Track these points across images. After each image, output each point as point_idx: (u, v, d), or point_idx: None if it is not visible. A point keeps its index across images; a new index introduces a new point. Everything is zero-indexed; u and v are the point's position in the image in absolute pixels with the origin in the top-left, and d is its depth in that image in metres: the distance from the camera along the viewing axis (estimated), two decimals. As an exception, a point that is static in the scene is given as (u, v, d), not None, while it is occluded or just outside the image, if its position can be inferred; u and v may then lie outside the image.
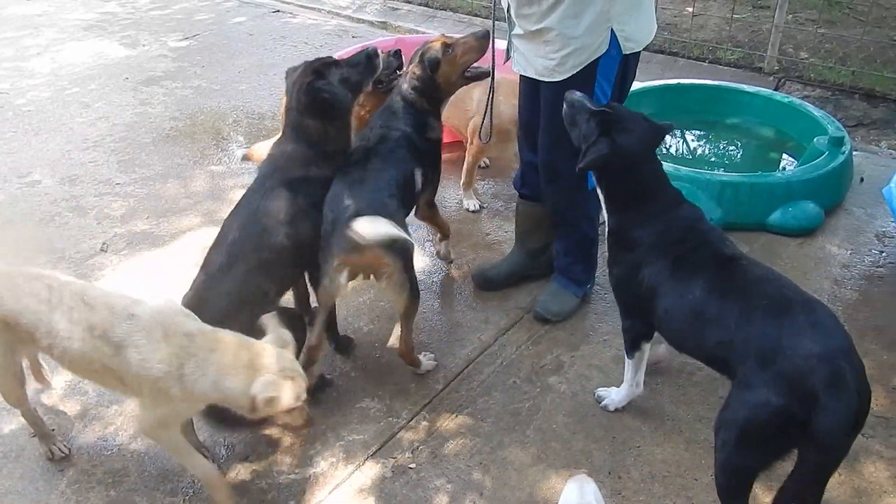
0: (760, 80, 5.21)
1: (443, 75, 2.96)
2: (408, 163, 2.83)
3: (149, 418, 2.23)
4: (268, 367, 2.08)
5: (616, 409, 2.70)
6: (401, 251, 2.59)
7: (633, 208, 2.43)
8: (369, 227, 2.39)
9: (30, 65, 6.07)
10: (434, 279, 3.46)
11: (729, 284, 2.17)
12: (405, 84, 2.96)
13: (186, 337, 2.11)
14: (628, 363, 2.62)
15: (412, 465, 2.52)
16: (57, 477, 2.51)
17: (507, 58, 2.95)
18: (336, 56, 4.78)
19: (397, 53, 3.14)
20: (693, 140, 4.73)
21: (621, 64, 2.71)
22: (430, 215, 3.28)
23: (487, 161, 4.36)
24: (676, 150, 4.55)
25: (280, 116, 3.85)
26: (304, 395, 2.15)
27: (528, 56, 2.76)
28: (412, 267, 2.69)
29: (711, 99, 4.59)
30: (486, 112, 3.22)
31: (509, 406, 2.76)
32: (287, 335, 2.23)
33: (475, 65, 3.04)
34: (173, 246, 3.71)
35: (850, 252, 3.54)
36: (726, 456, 2.04)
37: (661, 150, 4.50)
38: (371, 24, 6.84)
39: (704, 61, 5.68)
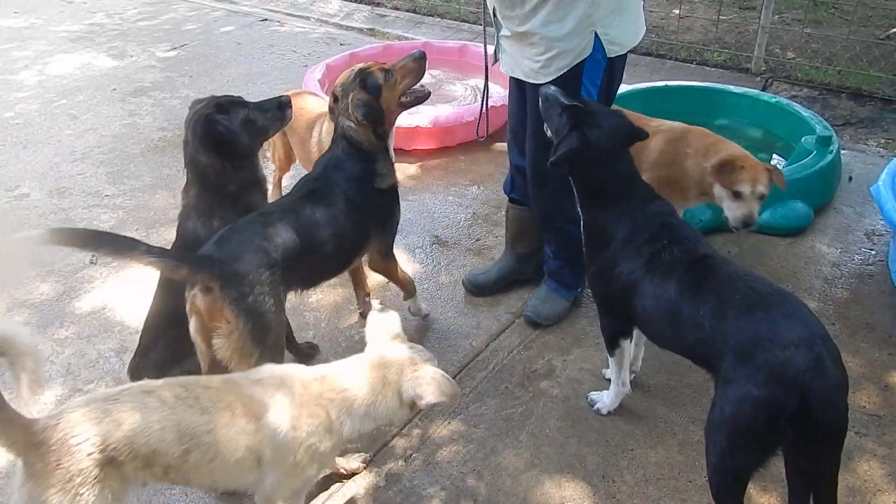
0: (748, 81, 5.24)
1: (384, 101, 2.69)
2: (340, 219, 2.57)
3: (282, 494, 1.98)
4: (401, 368, 1.97)
5: (609, 413, 2.70)
6: (256, 315, 2.22)
7: (605, 204, 2.44)
8: None
9: (18, 77, 6.05)
10: (424, 286, 3.45)
11: (701, 283, 2.17)
12: (344, 120, 2.68)
13: (311, 384, 1.95)
14: (611, 362, 2.63)
15: (405, 473, 2.51)
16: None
17: (496, 60, 2.97)
18: (326, 63, 4.77)
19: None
20: None
21: (607, 68, 2.72)
22: (385, 268, 2.94)
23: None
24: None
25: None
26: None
27: (516, 57, 2.78)
28: (266, 341, 2.27)
29: (699, 101, 4.60)
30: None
31: (502, 411, 2.75)
32: (391, 320, 2.11)
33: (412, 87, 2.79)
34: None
35: (839, 251, 3.55)
36: (718, 457, 2.03)
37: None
38: (359, 31, 6.85)
39: (692, 63, 5.70)
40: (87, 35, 7.03)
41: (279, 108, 2.67)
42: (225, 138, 2.51)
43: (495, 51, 2.94)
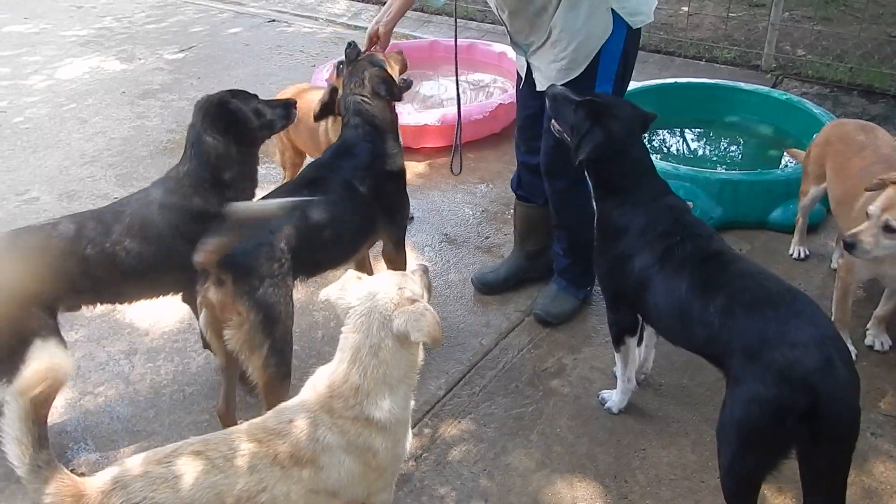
0: (758, 78, 5.20)
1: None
2: (343, 207, 2.60)
3: (378, 498, 1.98)
4: (390, 299, 1.86)
5: (620, 411, 2.68)
6: (266, 306, 2.26)
7: (620, 196, 2.43)
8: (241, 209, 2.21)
9: (27, 82, 6.07)
10: (433, 283, 3.43)
11: (712, 279, 2.15)
12: (357, 97, 2.73)
13: (329, 402, 1.86)
14: (617, 359, 2.62)
15: (416, 474, 2.50)
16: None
17: (522, 81, 3.00)
18: (334, 62, 4.76)
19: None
20: (692, 139, 4.72)
21: (625, 42, 2.67)
22: (396, 257, 2.91)
23: None
24: (676, 149, 4.53)
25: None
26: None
27: (543, 68, 2.77)
28: (277, 332, 2.32)
29: (709, 98, 4.58)
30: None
31: (512, 411, 2.74)
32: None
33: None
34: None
35: (852, 248, 3.51)
36: (729, 459, 2.01)
37: (662, 149, 4.51)
38: (366, 30, 6.84)
39: (701, 60, 5.67)
40: (95, 39, 7.05)
41: (285, 108, 2.72)
42: (238, 117, 2.56)
43: (526, 74, 2.93)
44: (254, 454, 1.75)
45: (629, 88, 4.47)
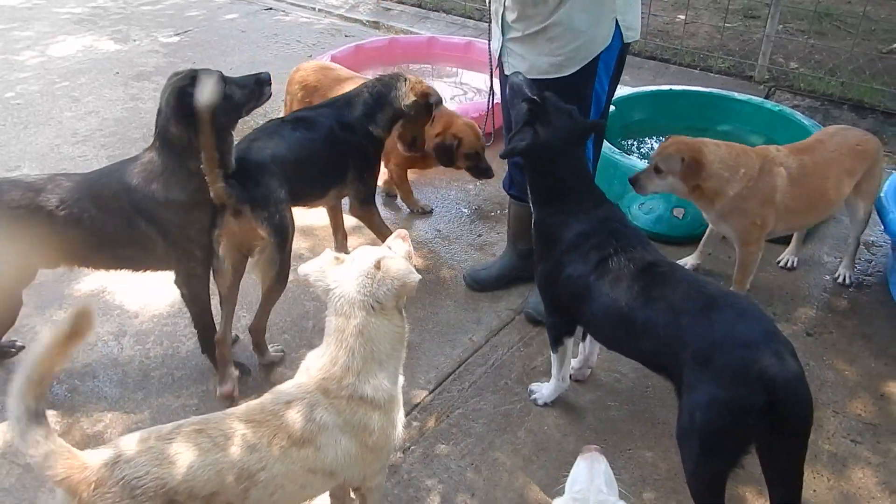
0: (751, 89, 5.26)
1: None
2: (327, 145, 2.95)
3: (373, 481, 2.04)
4: (368, 277, 1.88)
5: (545, 404, 2.75)
6: (278, 227, 2.58)
7: (554, 203, 2.45)
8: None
9: (19, 58, 6.00)
10: (425, 280, 3.45)
11: (652, 290, 2.18)
12: (399, 91, 3.12)
13: (323, 383, 1.88)
14: (553, 358, 2.66)
15: (404, 465, 2.52)
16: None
17: (499, 63, 2.95)
18: (331, 53, 4.77)
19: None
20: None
21: (618, 56, 2.76)
22: (363, 216, 3.26)
23: None
24: (668, 156, 4.56)
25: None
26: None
27: (529, 57, 2.75)
28: (287, 249, 2.68)
29: (702, 105, 4.62)
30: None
31: (501, 407, 2.76)
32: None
33: None
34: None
35: (839, 260, 3.57)
36: (694, 464, 2.06)
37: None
38: (363, 23, 6.84)
39: (696, 68, 5.72)
40: (90, 17, 6.99)
41: (257, 84, 2.60)
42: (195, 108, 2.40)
43: (500, 55, 2.91)
44: (253, 434, 1.77)
45: (625, 94, 4.52)
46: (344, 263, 1.93)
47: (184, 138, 2.44)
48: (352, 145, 3.01)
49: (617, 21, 2.65)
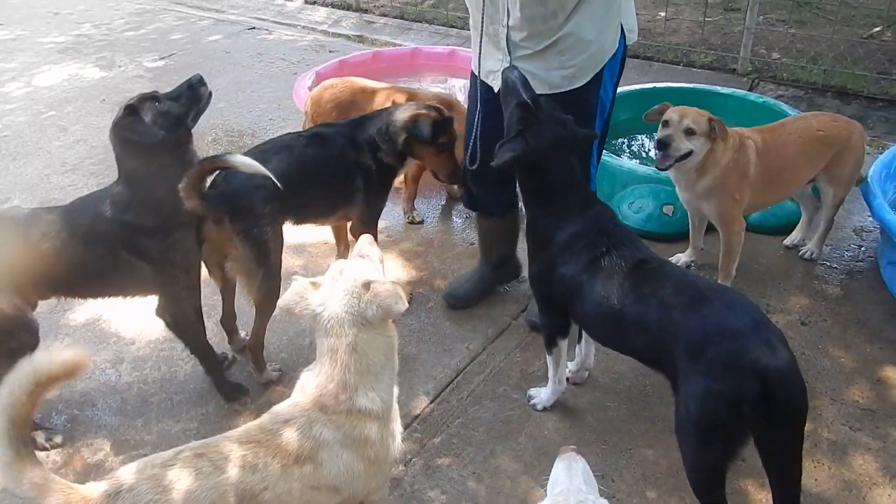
0: (735, 82, 5.29)
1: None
2: (332, 162, 2.93)
3: (377, 494, 2.05)
4: (352, 294, 1.88)
5: (544, 409, 2.75)
6: (255, 240, 2.62)
7: (546, 206, 2.47)
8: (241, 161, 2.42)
9: (5, 90, 6.02)
10: (420, 289, 3.46)
11: (642, 286, 2.21)
12: (402, 121, 3.00)
13: (321, 399, 1.89)
14: (549, 360, 2.67)
15: (406, 478, 2.52)
16: None
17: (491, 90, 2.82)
18: (315, 70, 4.79)
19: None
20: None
21: (621, 58, 2.76)
22: (361, 233, 3.18)
23: None
24: (655, 154, 4.58)
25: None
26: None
27: (540, 73, 2.66)
28: (270, 263, 2.70)
29: (688, 102, 4.57)
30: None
31: (500, 414, 2.77)
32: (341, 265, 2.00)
33: None
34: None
35: (829, 247, 3.59)
36: (692, 456, 2.08)
37: (642, 154, 4.56)
38: (347, 38, 6.87)
39: (679, 65, 5.75)
40: (74, 46, 7.01)
41: (190, 89, 2.57)
42: (134, 142, 2.44)
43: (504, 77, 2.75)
44: (254, 454, 1.78)
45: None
46: (324, 285, 1.94)
47: (141, 169, 2.46)
48: (362, 167, 2.98)
49: (621, 24, 2.65)
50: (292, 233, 3.22)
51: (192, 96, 2.57)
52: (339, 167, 2.94)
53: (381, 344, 1.92)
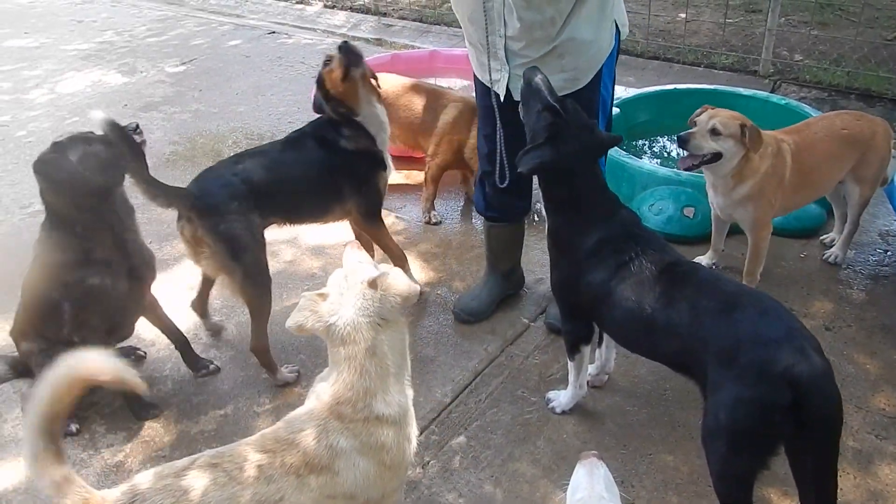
0: (756, 83, 5.23)
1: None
2: (311, 164, 2.98)
3: (391, 499, 2.02)
4: (365, 297, 1.87)
5: (563, 412, 2.72)
6: (224, 235, 2.69)
7: (571, 212, 2.44)
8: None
9: (29, 97, 6.10)
10: (438, 290, 3.45)
11: (673, 291, 2.17)
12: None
13: (337, 408, 1.87)
14: (571, 366, 2.64)
15: (423, 481, 2.51)
16: None
17: (505, 95, 2.76)
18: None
19: None
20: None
21: (616, 55, 2.77)
22: (367, 229, 3.24)
23: None
24: (677, 155, 4.55)
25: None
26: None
27: None
28: (246, 260, 2.74)
29: (708, 103, 4.57)
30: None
31: (518, 417, 2.75)
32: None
33: None
34: (177, 270, 3.71)
35: (854, 252, 3.53)
36: (720, 465, 2.03)
37: (662, 155, 4.53)
38: (366, 41, 6.88)
39: (699, 66, 5.70)
40: (96, 53, 7.09)
41: (124, 136, 2.51)
42: (57, 183, 2.45)
43: (507, 87, 2.73)
44: (269, 464, 1.77)
45: (629, 96, 4.51)
46: (331, 295, 1.92)
47: (71, 212, 2.49)
48: (339, 162, 3.02)
49: (615, 21, 2.65)
50: (310, 235, 3.24)
51: (129, 141, 2.53)
52: (314, 166, 2.98)
53: (397, 342, 1.92)
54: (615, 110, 4.02)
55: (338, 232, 3.61)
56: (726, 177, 3.02)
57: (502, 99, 2.74)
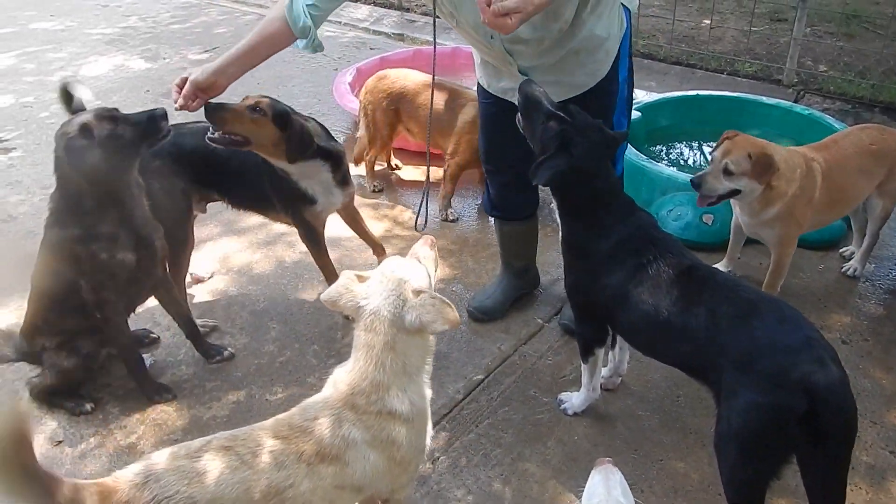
0: (779, 93, 5.19)
1: None
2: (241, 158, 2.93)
3: (400, 493, 2.04)
4: (397, 295, 1.87)
5: (575, 414, 2.71)
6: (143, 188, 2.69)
7: (586, 216, 2.42)
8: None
9: (53, 79, 6.14)
10: (453, 287, 3.46)
11: (691, 295, 2.16)
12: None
13: (352, 398, 1.87)
14: (584, 369, 2.63)
15: (433, 476, 2.51)
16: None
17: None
18: (356, 66, 4.80)
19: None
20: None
21: (629, 39, 2.73)
22: (306, 243, 3.13)
23: None
24: (695, 162, 4.53)
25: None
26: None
27: (565, 79, 2.61)
28: (161, 218, 2.75)
29: (730, 110, 4.57)
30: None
31: (530, 417, 2.74)
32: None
33: None
34: (194, 255, 3.73)
35: (873, 265, 3.50)
36: (732, 471, 2.02)
37: (681, 161, 4.51)
38: (388, 35, 6.89)
39: (722, 73, 5.67)
40: (120, 38, 7.14)
41: (150, 122, 2.53)
42: (87, 162, 2.44)
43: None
44: (281, 450, 1.78)
45: (651, 100, 4.49)
46: (371, 279, 1.92)
47: (82, 188, 2.50)
48: (268, 170, 2.91)
49: (622, 3, 2.62)
50: (327, 228, 3.25)
51: (150, 127, 2.54)
52: (249, 165, 2.92)
53: (419, 346, 1.91)
54: (636, 114, 4.02)
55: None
56: (752, 203, 2.98)
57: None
